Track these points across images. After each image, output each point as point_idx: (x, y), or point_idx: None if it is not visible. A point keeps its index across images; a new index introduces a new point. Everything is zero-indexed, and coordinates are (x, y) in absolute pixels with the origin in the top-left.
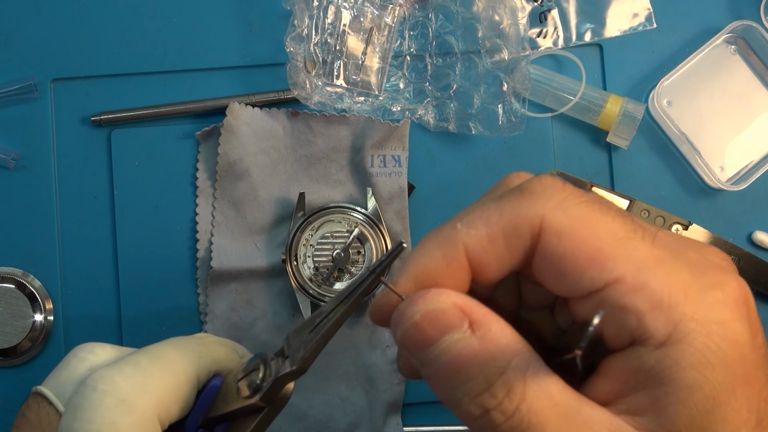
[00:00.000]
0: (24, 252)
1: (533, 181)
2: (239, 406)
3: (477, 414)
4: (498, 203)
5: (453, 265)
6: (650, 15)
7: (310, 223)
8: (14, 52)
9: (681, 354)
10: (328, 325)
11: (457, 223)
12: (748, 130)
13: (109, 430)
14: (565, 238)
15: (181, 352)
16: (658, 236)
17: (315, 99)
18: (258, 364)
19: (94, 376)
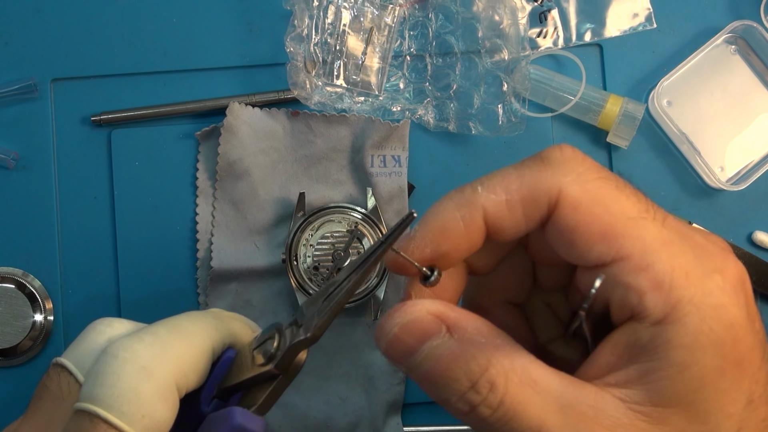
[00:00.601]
0: (24, 252)
1: (554, 150)
2: (254, 374)
3: (465, 410)
4: (519, 171)
5: (470, 227)
6: (650, 15)
7: (310, 223)
8: (14, 52)
9: (674, 334)
10: (341, 293)
11: (478, 187)
12: (748, 130)
13: (130, 395)
14: (579, 212)
15: (198, 325)
16: (668, 218)
17: (315, 99)
18: (273, 333)
19: (115, 345)
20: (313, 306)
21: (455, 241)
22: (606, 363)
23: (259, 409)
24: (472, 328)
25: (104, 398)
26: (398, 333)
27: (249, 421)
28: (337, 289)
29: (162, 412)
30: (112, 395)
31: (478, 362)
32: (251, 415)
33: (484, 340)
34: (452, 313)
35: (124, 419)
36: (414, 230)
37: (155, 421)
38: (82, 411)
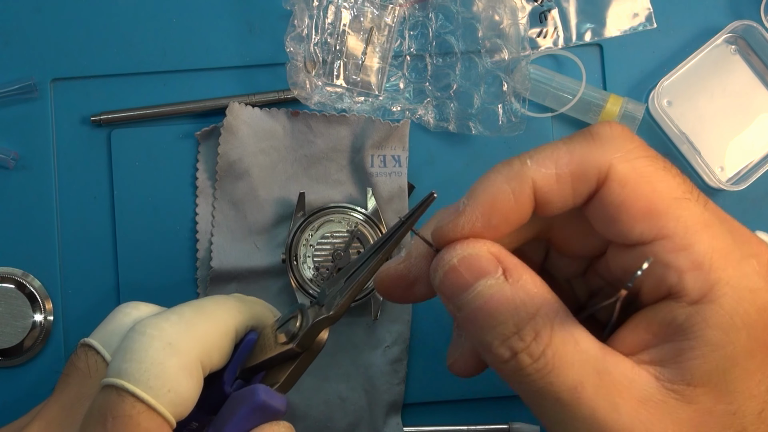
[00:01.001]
0: (24, 252)
1: (604, 127)
2: (276, 353)
3: (506, 357)
4: (568, 145)
5: (520, 199)
6: (650, 15)
7: (310, 223)
8: (14, 52)
9: (711, 313)
10: (362, 273)
11: (527, 160)
12: (748, 130)
13: (157, 370)
14: (627, 189)
15: (221, 307)
16: (709, 202)
17: (315, 99)
18: (295, 313)
19: (142, 323)
20: (334, 286)
21: (505, 214)
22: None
23: (282, 386)
24: (527, 277)
25: (132, 373)
26: (456, 264)
27: (272, 398)
28: (359, 270)
29: (187, 387)
30: (139, 370)
31: (528, 309)
32: (274, 393)
33: (536, 290)
34: (512, 258)
35: (151, 393)
36: (463, 204)
37: (180, 396)
38: (110, 385)
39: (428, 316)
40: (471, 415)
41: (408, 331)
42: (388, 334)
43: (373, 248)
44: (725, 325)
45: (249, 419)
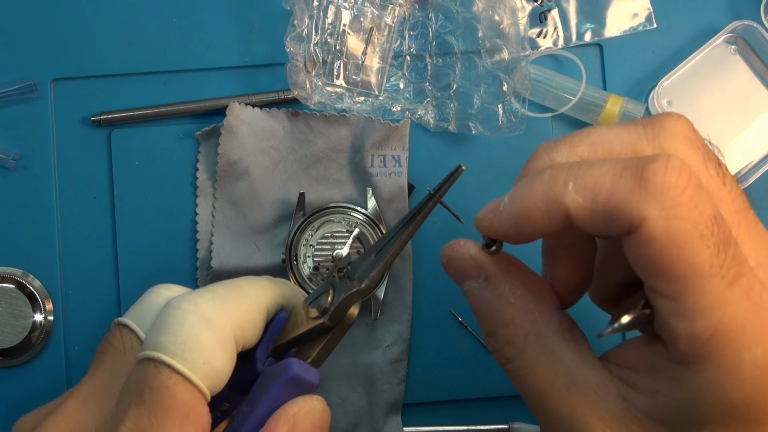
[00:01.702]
0: (24, 252)
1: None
2: (308, 327)
3: (489, 349)
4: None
5: (552, 220)
6: (650, 15)
7: (310, 223)
8: (14, 52)
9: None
10: (393, 247)
11: (570, 183)
12: (748, 130)
13: (193, 342)
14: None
15: (253, 285)
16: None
17: (315, 99)
18: (327, 288)
19: (177, 299)
20: (364, 262)
21: (537, 228)
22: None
23: (314, 360)
24: (506, 286)
25: (168, 345)
26: (446, 264)
27: (305, 371)
28: (389, 244)
29: (222, 361)
30: (175, 342)
31: (503, 317)
32: (307, 366)
33: (513, 300)
34: (491, 266)
35: (187, 365)
36: (503, 206)
37: (215, 369)
38: (147, 359)
39: (428, 316)
40: (471, 415)
41: (408, 331)
42: (388, 334)
43: (403, 221)
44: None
45: (283, 392)
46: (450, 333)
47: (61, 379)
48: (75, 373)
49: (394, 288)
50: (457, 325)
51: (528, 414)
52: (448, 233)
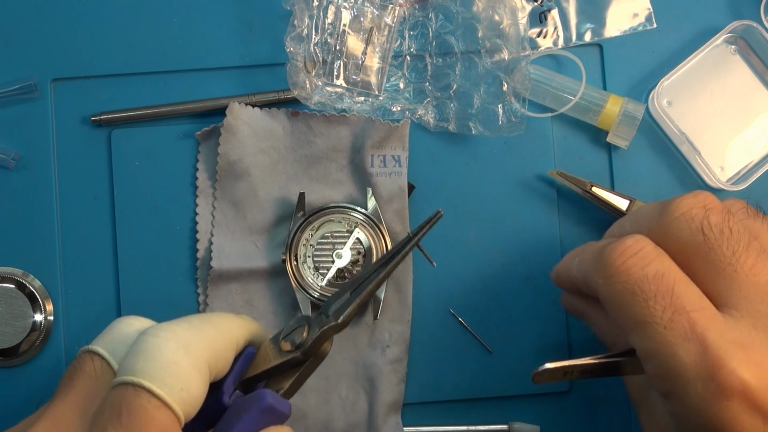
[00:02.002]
0: (24, 252)
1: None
2: (280, 361)
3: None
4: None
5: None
6: (650, 15)
7: (310, 223)
8: (14, 52)
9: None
10: (369, 286)
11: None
12: (748, 130)
13: (172, 368)
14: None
15: (224, 318)
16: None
17: (315, 99)
18: (302, 323)
19: (154, 327)
20: (339, 299)
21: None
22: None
23: (287, 392)
24: None
25: (147, 370)
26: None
27: (278, 402)
28: (365, 282)
29: (198, 387)
30: (154, 368)
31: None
32: (279, 398)
33: None
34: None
35: (166, 390)
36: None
37: (191, 395)
38: (125, 383)
39: (428, 316)
40: (471, 415)
41: (408, 331)
42: (388, 334)
43: (380, 262)
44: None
45: (256, 422)
46: (450, 333)
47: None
48: None
49: (394, 288)
50: (457, 325)
51: (528, 414)
52: (447, 233)
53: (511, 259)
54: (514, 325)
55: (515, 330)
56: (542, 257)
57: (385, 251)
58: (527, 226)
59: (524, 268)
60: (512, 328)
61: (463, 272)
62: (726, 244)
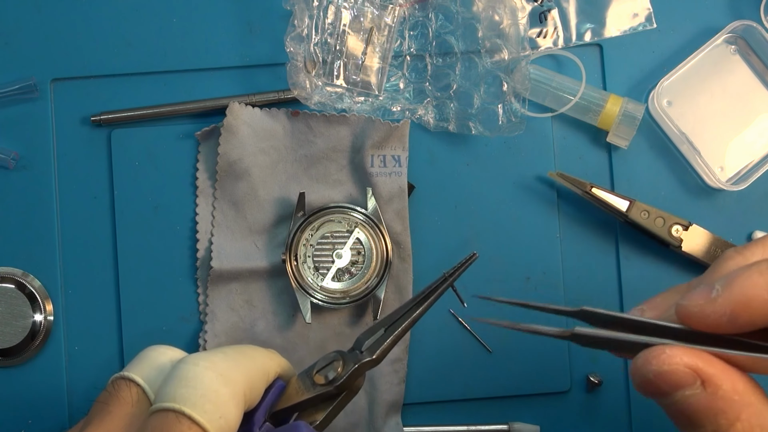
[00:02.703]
0: (24, 252)
1: None
2: (313, 395)
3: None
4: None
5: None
6: (650, 15)
7: (310, 223)
8: (14, 52)
9: None
10: (405, 323)
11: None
12: (748, 130)
13: (212, 396)
14: None
15: (257, 351)
16: None
17: (315, 99)
18: (337, 358)
19: (193, 356)
20: (372, 335)
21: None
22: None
23: (321, 425)
24: (727, 386)
25: (189, 397)
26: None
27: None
28: (401, 319)
29: (235, 416)
30: (195, 395)
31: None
32: (314, 429)
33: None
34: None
35: (206, 417)
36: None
37: (228, 423)
38: (166, 409)
39: (428, 316)
40: (471, 415)
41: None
42: None
43: (415, 301)
44: None
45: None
46: (450, 333)
47: (61, 379)
48: (75, 373)
49: (394, 288)
50: (457, 325)
51: (528, 414)
52: (447, 233)
53: (511, 259)
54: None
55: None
56: (542, 257)
57: (385, 251)
58: (527, 226)
59: (524, 268)
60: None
61: (463, 272)
62: None
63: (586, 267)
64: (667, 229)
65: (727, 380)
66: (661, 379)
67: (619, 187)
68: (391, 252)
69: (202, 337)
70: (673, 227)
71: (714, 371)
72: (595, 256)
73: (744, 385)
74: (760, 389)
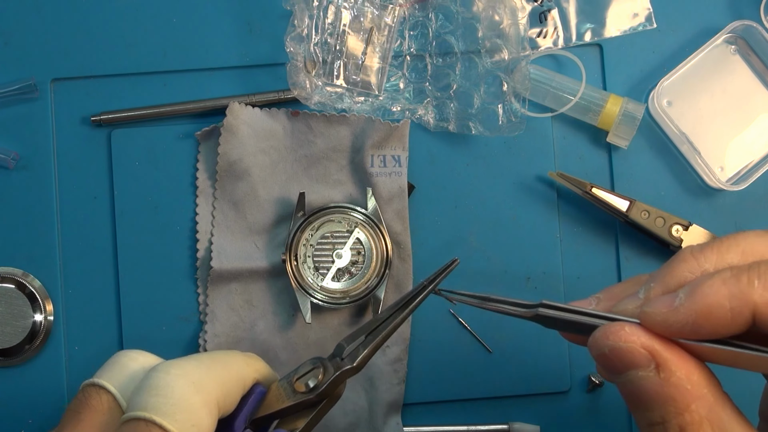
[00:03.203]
0: (24, 252)
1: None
2: (294, 402)
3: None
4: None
5: (736, 320)
6: (650, 15)
7: (310, 223)
8: (14, 52)
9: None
10: (386, 329)
11: (756, 280)
12: (748, 130)
13: (183, 405)
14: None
15: (231, 357)
16: None
17: (315, 99)
18: (317, 365)
19: (165, 364)
20: (353, 341)
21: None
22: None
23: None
24: (681, 373)
25: (160, 407)
26: (608, 354)
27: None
28: (381, 326)
29: (207, 424)
30: (166, 404)
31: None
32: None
33: (689, 387)
34: (665, 353)
35: (177, 426)
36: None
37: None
38: (137, 418)
39: (428, 316)
40: (471, 415)
41: (408, 331)
42: None
43: (396, 307)
44: None
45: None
46: (450, 333)
47: (61, 379)
48: (75, 373)
49: (394, 288)
50: (457, 325)
51: (528, 414)
52: (447, 233)
53: (511, 259)
54: (514, 325)
55: (515, 330)
56: (542, 257)
57: (385, 251)
58: (527, 226)
59: (524, 268)
60: (512, 328)
61: (463, 272)
62: None
63: (586, 267)
64: (668, 229)
65: (682, 368)
66: (616, 356)
67: (619, 187)
68: (391, 252)
69: (202, 337)
70: (673, 227)
71: (670, 356)
72: (595, 256)
73: (699, 376)
74: (717, 383)
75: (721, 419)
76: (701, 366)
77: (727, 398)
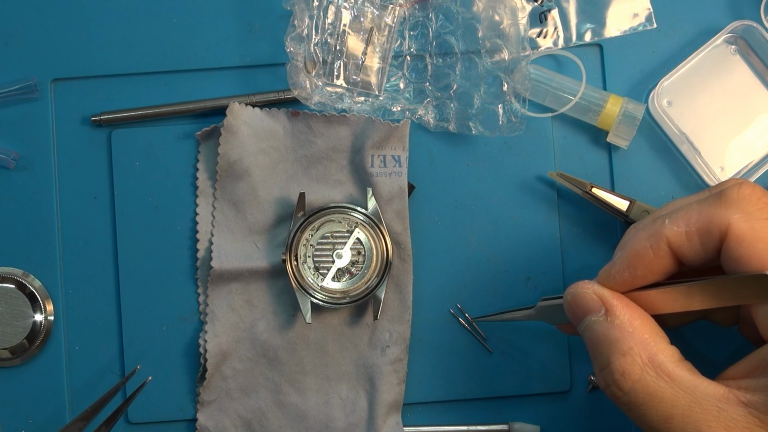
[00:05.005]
0: (24, 252)
1: (733, 188)
2: None
3: (603, 385)
4: (700, 205)
5: (658, 254)
6: (650, 15)
7: (310, 223)
8: (14, 52)
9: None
10: None
11: (666, 219)
12: (748, 130)
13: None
14: (743, 245)
15: None
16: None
17: (315, 99)
18: None
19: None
20: None
21: (647, 266)
22: (744, 369)
23: None
24: (624, 317)
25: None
26: (570, 302)
27: None
28: None
29: None
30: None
31: (620, 346)
32: None
33: (631, 330)
34: (612, 300)
35: None
36: (614, 256)
37: None
38: None
39: (428, 316)
40: (471, 415)
41: (408, 331)
42: (388, 334)
43: None
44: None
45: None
46: (450, 333)
47: (61, 379)
48: (75, 373)
49: (394, 288)
50: (457, 325)
51: (528, 414)
52: (447, 233)
53: (511, 259)
54: (514, 326)
55: (515, 330)
56: (542, 257)
57: (385, 251)
58: (527, 226)
59: (524, 268)
60: (512, 328)
61: (463, 272)
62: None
63: (586, 267)
64: None
65: (625, 312)
66: (575, 302)
67: (619, 187)
68: (392, 252)
69: (202, 337)
70: None
71: (616, 303)
72: (595, 256)
73: (642, 322)
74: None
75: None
76: (645, 315)
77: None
